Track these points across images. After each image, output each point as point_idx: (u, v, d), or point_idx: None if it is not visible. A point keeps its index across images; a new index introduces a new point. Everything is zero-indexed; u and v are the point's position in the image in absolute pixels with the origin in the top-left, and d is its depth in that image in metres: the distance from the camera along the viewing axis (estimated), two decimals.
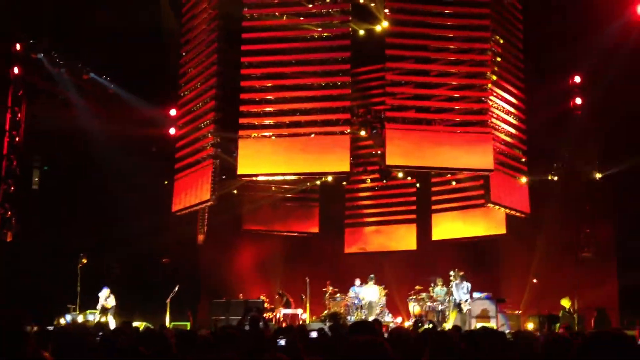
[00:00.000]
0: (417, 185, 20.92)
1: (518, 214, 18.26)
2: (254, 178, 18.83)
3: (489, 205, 17.58)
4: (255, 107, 17.74)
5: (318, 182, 20.70)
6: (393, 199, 21.60)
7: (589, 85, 18.58)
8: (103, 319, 17.07)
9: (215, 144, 18.00)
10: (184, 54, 19.59)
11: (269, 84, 17.75)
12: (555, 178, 19.23)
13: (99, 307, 17.70)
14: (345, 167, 17.32)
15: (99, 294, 17.78)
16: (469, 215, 19.78)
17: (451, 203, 20.16)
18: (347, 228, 21.99)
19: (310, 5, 17.81)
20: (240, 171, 17.61)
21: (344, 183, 20.89)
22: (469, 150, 17.09)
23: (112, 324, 16.43)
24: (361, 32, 19.24)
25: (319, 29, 17.75)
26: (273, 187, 20.66)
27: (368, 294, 18.73)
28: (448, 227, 20.21)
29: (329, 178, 19.80)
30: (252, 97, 17.71)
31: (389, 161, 16.96)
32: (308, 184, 20.97)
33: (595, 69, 17.96)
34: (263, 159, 17.62)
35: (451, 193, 20.21)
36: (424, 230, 20.84)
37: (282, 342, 7.86)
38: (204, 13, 18.80)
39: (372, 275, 18.88)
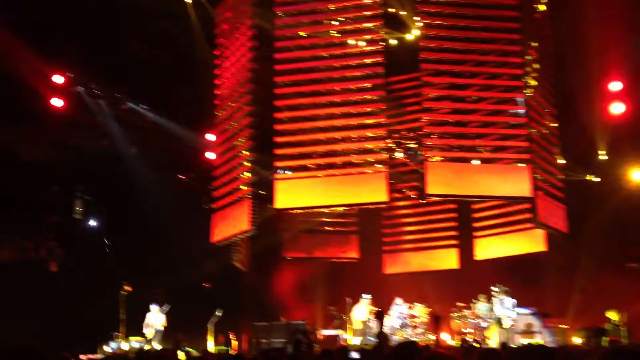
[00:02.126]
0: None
1: (559, 233, 18.14)
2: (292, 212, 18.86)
3: (537, 227, 17.47)
4: (291, 125, 17.80)
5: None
6: (433, 222, 21.45)
7: (630, 90, 18.34)
8: (154, 344, 17.24)
9: (253, 183, 18.01)
10: (218, 83, 19.86)
11: (303, 102, 17.83)
12: (595, 179, 18.98)
13: (148, 330, 17.89)
14: (383, 196, 17.19)
15: (148, 314, 18.02)
16: (510, 234, 19.65)
17: (494, 228, 20.01)
18: (385, 252, 21.90)
19: (343, 19, 17.86)
20: (277, 205, 17.61)
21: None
22: (508, 179, 17.11)
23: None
24: (392, 42, 19.34)
25: (352, 43, 17.83)
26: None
27: (356, 313, 18.60)
28: (490, 247, 20.08)
29: None
30: (288, 115, 17.80)
31: (430, 190, 16.83)
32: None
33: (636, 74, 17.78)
34: (300, 192, 17.65)
35: (493, 216, 20.01)
36: (465, 249, 20.70)
37: None
38: (237, 41, 19.04)
39: (366, 295, 18.76)
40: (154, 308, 18.05)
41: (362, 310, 18.66)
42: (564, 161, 18.67)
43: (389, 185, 17.25)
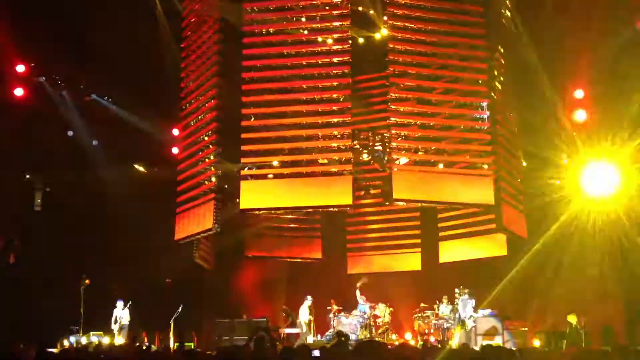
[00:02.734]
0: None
1: (520, 238, 18.40)
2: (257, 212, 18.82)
3: (500, 232, 17.65)
4: (257, 122, 17.71)
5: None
6: (396, 221, 21.48)
7: (591, 98, 18.63)
8: (121, 339, 17.14)
9: (218, 177, 17.89)
10: (183, 75, 19.68)
11: (270, 99, 17.75)
12: (556, 182, 19.24)
13: (115, 326, 17.74)
14: (347, 199, 17.23)
15: (115, 310, 17.89)
16: (473, 238, 19.78)
17: (458, 229, 20.09)
18: (349, 252, 21.93)
19: (312, 17, 17.90)
20: (242, 206, 17.58)
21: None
22: (471, 185, 17.37)
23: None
24: (360, 40, 19.35)
25: (319, 40, 17.81)
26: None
27: (300, 314, 18.61)
28: (453, 250, 20.20)
29: None
30: (254, 111, 17.72)
31: (396, 195, 16.94)
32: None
33: (597, 82, 18.06)
34: (265, 193, 17.65)
35: (458, 217, 20.07)
36: (428, 252, 20.79)
37: None
38: (204, 35, 18.91)
39: (309, 297, 18.75)
40: (120, 304, 17.90)
41: (304, 312, 18.61)
42: (524, 163, 18.94)
43: (353, 188, 17.29)
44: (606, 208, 18.05)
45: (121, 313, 17.98)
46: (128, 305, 18.02)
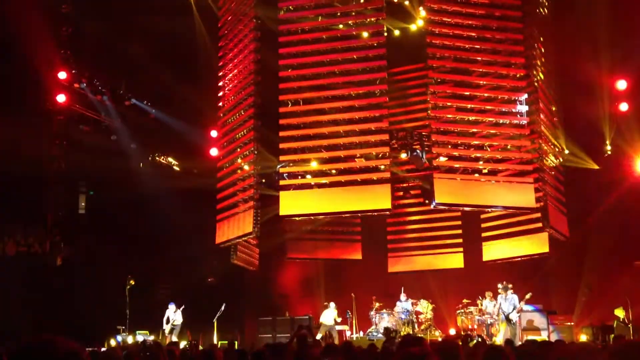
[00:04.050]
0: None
1: (562, 237, 18.12)
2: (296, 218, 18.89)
3: (547, 230, 17.44)
4: (295, 119, 17.74)
5: None
6: (438, 220, 21.22)
7: (635, 88, 18.25)
8: (174, 338, 17.38)
9: (257, 181, 17.90)
10: (221, 74, 19.80)
11: (307, 96, 17.82)
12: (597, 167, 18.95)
13: (167, 326, 18.07)
14: (387, 203, 17.15)
15: (167, 311, 18.24)
16: (516, 237, 19.43)
17: (501, 228, 19.75)
18: (391, 249, 21.80)
19: (339, 15, 17.94)
20: (282, 212, 17.68)
21: None
22: (513, 189, 17.25)
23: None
24: (396, 32, 19.25)
25: (354, 35, 17.79)
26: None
27: (324, 317, 18.58)
28: (496, 249, 19.92)
29: None
30: (292, 109, 17.77)
31: (438, 199, 16.77)
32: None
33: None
34: (304, 199, 17.69)
35: (501, 218, 19.77)
36: (471, 250, 20.57)
37: None
38: (240, 34, 18.99)
39: (332, 303, 18.67)
40: (172, 306, 18.17)
41: (329, 316, 18.59)
42: (567, 151, 18.67)
43: (392, 190, 17.22)
44: None
45: (174, 316, 18.29)
46: (181, 308, 18.28)
